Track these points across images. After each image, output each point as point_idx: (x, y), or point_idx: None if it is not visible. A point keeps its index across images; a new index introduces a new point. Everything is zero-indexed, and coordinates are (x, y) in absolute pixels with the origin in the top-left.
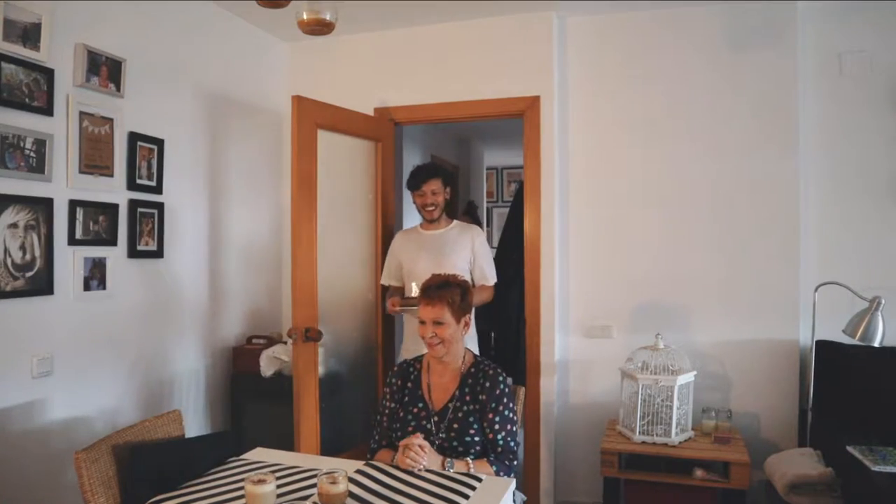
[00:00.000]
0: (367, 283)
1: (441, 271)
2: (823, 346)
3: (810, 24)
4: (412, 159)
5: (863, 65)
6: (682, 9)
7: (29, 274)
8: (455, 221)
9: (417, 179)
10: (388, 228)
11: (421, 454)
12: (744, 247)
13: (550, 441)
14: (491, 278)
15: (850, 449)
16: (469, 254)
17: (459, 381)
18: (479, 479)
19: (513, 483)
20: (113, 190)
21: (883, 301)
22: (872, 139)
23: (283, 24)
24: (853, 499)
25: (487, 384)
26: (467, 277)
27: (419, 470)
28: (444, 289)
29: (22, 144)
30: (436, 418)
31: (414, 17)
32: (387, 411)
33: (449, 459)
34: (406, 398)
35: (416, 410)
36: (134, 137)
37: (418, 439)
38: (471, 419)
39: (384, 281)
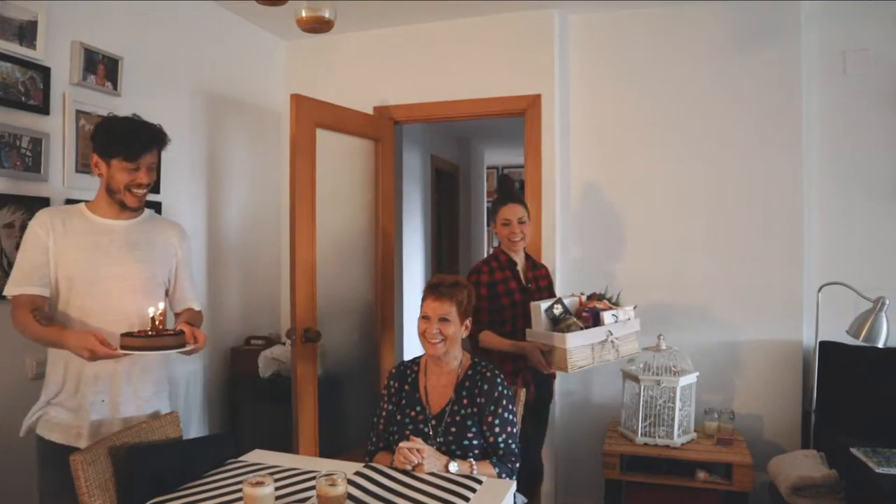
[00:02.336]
0: (366, 283)
1: (130, 282)
2: (827, 347)
3: (813, 22)
4: (412, 159)
5: (866, 63)
6: (685, 7)
7: None
8: (145, 209)
9: (135, 147)
10: (387, 228)
11: (416, 455)
12: (746, 247)
13: (552, 443)
14: (199, 301)
15: (853, 451)
16: (173, 262)
17: (457, 384)
18: (480, 482)
19: (513, 485)
20: None
21: (887, 301)
22: (876, 138)
23: (282, 22)
24: (857, 501)
25: (485, 386)
26: (161, 298)
27: (414, 469)
28: (454, 287)
29: (18, 143)
30: (433, 421)
31: (414, 15)
32: (384, 413)
33: (453, 461)
34: (403, 401)
35: (413, 413)
36: None
37: (416, 443)
38: (468, 422)
39: (15, 289)
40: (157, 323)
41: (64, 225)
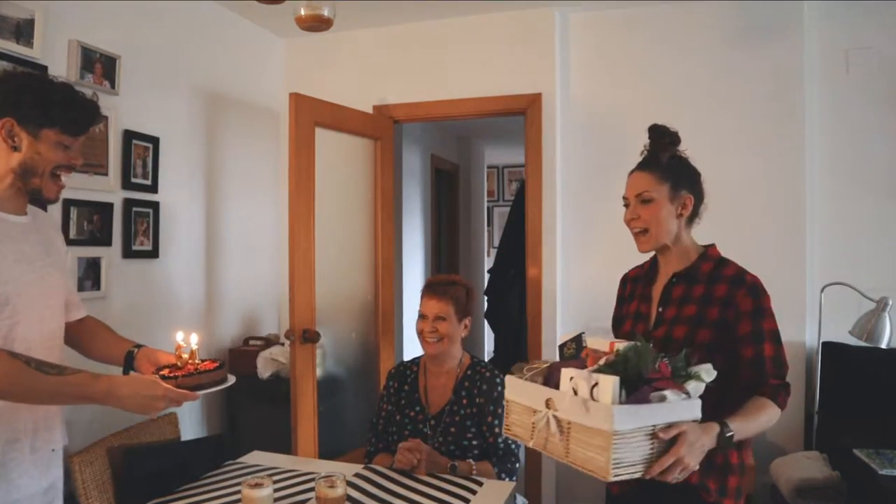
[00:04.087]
0: (365, 284)
1: (57, 298)
2: (830, 348)
3: (816, 21)
4: (412, 158)
5: (869, 62)
6: (687, 6)
7: None
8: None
9: (81, 117)
10: (387, 228)
11: (415, 455)
12: (749, 246)
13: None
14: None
15: (856, 452)
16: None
17: (456, 384)
18: (480, 483)
19: (513, 486)
20: (107, 189)
21: (890, 302)
22: (879, 137)
23: (281, 21)
24: (860, 503)
25: (485, 387)
26: (64, 302)
27: (414, 470)
28: (451, 286)
29: None
30: (432, 422)
31: (414, 13)
32: (383, 414)
33: (453, 462)
34: (403, 401)
35: (412, 414)
36: (129, 135)
37: (418, 444)
38: (468, 423)
39: None
40: (192, 356)
41: None
